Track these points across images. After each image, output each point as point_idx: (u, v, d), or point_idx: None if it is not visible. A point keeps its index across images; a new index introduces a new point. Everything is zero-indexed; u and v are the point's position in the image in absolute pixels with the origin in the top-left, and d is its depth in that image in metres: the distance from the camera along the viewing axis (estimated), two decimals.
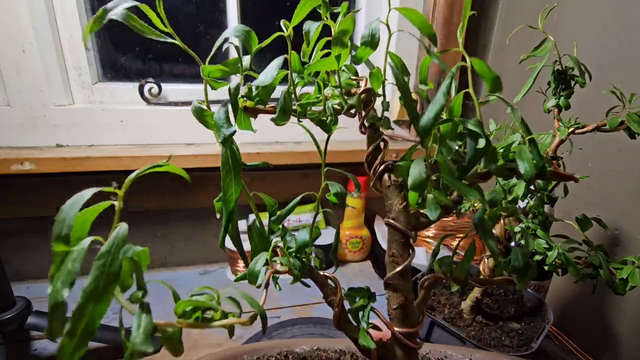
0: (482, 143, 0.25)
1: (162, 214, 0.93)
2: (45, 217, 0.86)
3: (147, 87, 0.87)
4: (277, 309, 0.82)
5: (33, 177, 0.79)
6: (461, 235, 0.73)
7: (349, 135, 0.93)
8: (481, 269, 0.62)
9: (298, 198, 0.35)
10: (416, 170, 0.26)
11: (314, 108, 0.32)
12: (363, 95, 0.32)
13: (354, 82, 0.33)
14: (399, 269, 0.33)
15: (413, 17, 0.25)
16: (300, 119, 0.32)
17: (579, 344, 0.73)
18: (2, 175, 0.75)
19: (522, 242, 0.35)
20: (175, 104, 0.90)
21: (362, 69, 0.28)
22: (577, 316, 0.75)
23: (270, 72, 0.29)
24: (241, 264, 0.92)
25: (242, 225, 0.94)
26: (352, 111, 0.33)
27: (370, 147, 0.34)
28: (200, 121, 0.30)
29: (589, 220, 0.41)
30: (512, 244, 0.64)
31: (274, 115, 0.31)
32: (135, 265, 0.19)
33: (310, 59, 0.32)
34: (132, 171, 0.20)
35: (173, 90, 0.90)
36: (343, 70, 0.32)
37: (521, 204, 0.50)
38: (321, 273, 0.36)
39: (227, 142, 0.27)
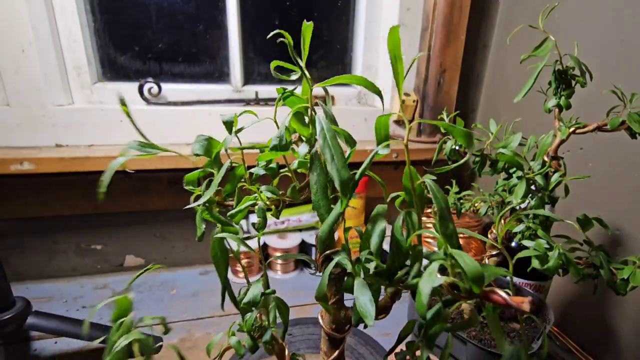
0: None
1: (162, 214, 0.93)
2: (44, 218, 0.86)
3: (146, 86, 0.87)
4: None
5: (32, 177, 0.79)
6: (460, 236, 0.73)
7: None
8: None
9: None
10: (323, 278, 0.24)
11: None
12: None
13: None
14: None
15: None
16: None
17: (580, 344, 0.73)
18: (1, 176, 0.75)
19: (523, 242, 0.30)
20: (175, 103, 0.89)
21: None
22: (577, 316, 0.75)
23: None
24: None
25: (243, 224, 0.93)
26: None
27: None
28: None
29: (589, 220, 0.40)
30: (513, 244, 0.64)
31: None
32: None
33: None
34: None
35: (173, 90, 0.90)
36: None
37: (522, 204, 0.49)
38: (280, 342, 0.35)
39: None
